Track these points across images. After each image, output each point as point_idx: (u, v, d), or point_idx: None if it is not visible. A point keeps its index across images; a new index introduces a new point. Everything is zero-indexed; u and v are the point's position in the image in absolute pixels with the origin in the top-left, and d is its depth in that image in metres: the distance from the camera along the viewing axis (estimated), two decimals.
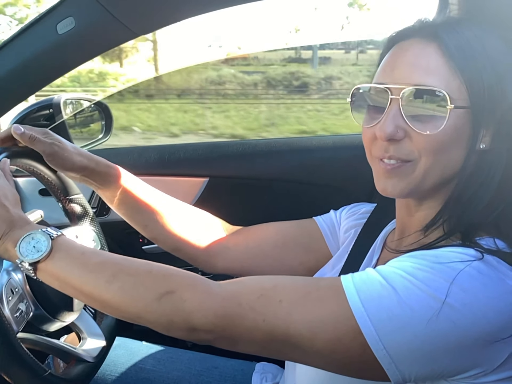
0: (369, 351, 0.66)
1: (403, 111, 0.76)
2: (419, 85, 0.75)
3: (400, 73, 0.77)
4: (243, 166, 1.64)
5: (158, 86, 11.41)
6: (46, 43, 1.10)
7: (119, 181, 1.08)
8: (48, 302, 0.98)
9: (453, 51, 0.75)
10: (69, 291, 0.78)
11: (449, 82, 0.75)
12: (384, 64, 0.81)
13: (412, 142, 0.77)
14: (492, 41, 0.78)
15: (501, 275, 0.68)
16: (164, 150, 1.70)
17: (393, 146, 0.78)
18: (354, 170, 1.57)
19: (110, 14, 1.04)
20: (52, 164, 1.01)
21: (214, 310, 0.69)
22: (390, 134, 0.76)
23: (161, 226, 1.11)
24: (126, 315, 0.74)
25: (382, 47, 0.86)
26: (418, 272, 0.67)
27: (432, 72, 0.75)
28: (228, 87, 12.14)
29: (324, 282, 0.75)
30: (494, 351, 0.67)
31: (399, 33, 0.83)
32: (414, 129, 0.76)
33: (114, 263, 0.77)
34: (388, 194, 0.82)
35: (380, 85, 0.78)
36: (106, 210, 1.66)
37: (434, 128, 0.75)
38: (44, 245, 0.77)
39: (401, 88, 0.75)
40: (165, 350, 1.37)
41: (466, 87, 0.75)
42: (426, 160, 0.77)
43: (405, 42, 0.80)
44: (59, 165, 1.01)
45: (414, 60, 0.77)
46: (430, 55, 0.76)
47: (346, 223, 1.07)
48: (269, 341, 0.69)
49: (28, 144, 0.97)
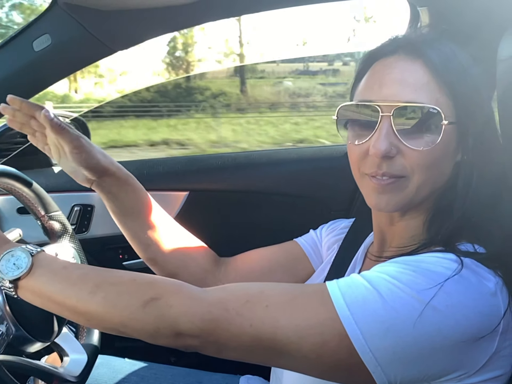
0: (355, 354, 0.66)
1: (395, 128, 0.77)
2: (410, 102, 0.76)
3: (389, 90, 0.78)
4: (223, 179, 1.65)
5: (247, 99, 11.24)
6: (22, 61, 1.10)
7: (135, 191, 1.05)
8: (29, 323, 0.97)
9: (438, 67, 0.77)
10: (52, 307, 0.77)
11: (438, 98, 0.77)
12: (369, 81, 0.82)
13: (405, 158, 0.78)
14: (463, 55, 0.81)
15: (481, 277, 0.70)
16: (143, 165, 1.69)
17: (386, 163, 0.78)
18: (332, 181, 1.59)
19: (87, 31, 1.04)
20: (76, 158, 0.96)
21: (201, 315, 0.69)
22: (385, 151, 0.77)
23: (164, 248, 1.08)
24: (111, 325, 0.73)
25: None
26: (402, 276, 0.69)
27: (421, 89, 0.77)
28: (315, 99, 12.15)
29: (310, 287, 0.75)
30: (476, 352, 0.68)
31: (379, 49, 0.84)
32: (407, 146, 0.77)
33: (97, 274, 0.76)
34: (382, 210, 0.83)
35: (370, 103, 0.79)
36: (85, 227, 1.65)
37: (427, 144, 0.76)
38: (24, 262, 0.76)
39: (392, 105, 0.76)
40: (148, 367, 1.35)
41: (453, 102, 0.78)
42: (419, 176, 0.78)
43: (389, 58, 0.81)
44: (84, 160, 0.97)
45: (402, 77, 0.78)
46: (417, 72, 0.78)
47: (327, 240, 1.08)
48: (256, 346, 0.70)
49: (55, 132, 0.94)
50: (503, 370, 0.72)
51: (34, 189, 1.10)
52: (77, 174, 1.01)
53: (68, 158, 0.98)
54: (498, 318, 0.69)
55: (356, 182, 0.87)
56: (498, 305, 0.69)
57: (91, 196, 1.65)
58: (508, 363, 0.73)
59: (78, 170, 1.00)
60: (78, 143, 0.96)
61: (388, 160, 0.78)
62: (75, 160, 0.97)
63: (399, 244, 0.83)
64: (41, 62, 1.09)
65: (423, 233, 0.82)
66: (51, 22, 1.06)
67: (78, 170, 1.00)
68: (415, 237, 0.82)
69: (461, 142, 0.80)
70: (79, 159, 0.97)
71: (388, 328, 0.66)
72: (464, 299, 0.67)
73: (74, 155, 0.96)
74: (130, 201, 1.05)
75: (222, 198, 1.65)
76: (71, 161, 0.98)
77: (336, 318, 0.67)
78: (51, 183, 1.64)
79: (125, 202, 1.05)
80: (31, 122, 1.00)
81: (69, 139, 0.95)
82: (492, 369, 0.71)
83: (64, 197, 1.63)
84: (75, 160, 0.97)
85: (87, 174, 1.00)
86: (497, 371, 0.71)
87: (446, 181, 0.81)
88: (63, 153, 0.99)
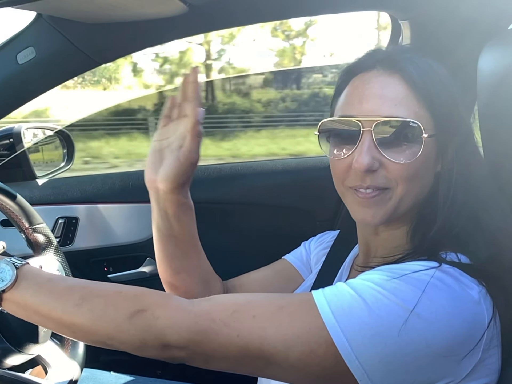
0: (342, 362, 0.67)
1: (376, 142, 0.78)
2: (390, 116, 0.78)
3: (369, 105, 0.79)
4: (208, 191, 1.65)
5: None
6: (6, 73, 1.09)
7: (193, 221, 0.97)
8: (13, 335, 0.96)
9: (417, 81, 0.79)
10: (37, 319, 0.77)
11: (417, 112, 0.78)
12: (348, 96, 0.83)
13: (388, 171, 0.79)
14: (441, 70, 0.82)
15: (464, 286, 0.71)
16: (127, 177, 1.69)
17: (369, 177, 0.80)
18: (317, 192, 1.60)
19: (72, 44, 1.04)
20: (193, 147, 0.88)
21: (187, 326, 0.69)
22: (367, 166, 0.78)
23: (189, 279, 1.02)
24: (97, 338, 0.73)
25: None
26: (386, 283, 0.70)
27: (400, 103, 0.78)
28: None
29: (296, 297, 0.76)
30: (461, 361, 0.69)
31: (356, 65, 0.86)
32: (389, 159, 0.78)
33: (83, 286, 0.76)
34: (369, 223, 0.84)
35: (351, 118, 0.80)
36: (70, 239, 1.64)
37: (409, 157, 0.78)
38: (9, 274, 0.76)
39: (373, 120, 0.78)
40: (134, 380, 1.34)
41: (432, 115, 0.79)
42: (402, 187, 0.80)
43: (367, 73, 0.82)
44: (194, 153, 0.89)
45: (381, 92, 0.79)
46: (396, 87, 0.79)
47: (316, 253, 1.09)
48: (243, 357, 0.70)
49: (192, 135, 0.87)
50: (489, 379, 0.73)
51: (18, 201, 1.09)
52: (173, 172, 0.89)
53: (183, 151, 0.88)
54: (482, 326, 0.70)
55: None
56: (482, 313, 0.70)
57: (75, 209, 1.65)
58: (493, 371, 0.73)
59: (177, 168, 0.89)
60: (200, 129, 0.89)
61: (371, 173, 0.79)
62: (191, 150, 0.88)
63: (383, 254, 0.84)
64: (25, 75, 1.09)
65: (407, 243, 0.84)
66: (36, 35, 1.06)
67: (177, 168, 0.89)
68: (400, 247, 0.83)
69: (440, 153, 0.81)
70: (194, 149, 0.88)
71: (373, 335, 0.66)
72: (447, 306, 0.68)
73: (193, 143, 0.88)
74: (187, 227, 0.96)
75: (207, 209, 1.65)
76: (182, 155, 0.89)
77: (322, 326, 0.68)
78: (35, 195, 1.63)
79: (183, 226, 0.95)
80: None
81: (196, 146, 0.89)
82: (477, 378, 0.71)
83: (48, 210, 1.62)
84: (190, 151, 0.88)
85: (180, 177, 0.90)
86: (482, 380, 0.72)
87: (427, 191, 0.83)
88: (175, 148, 0.90)
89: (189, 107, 0.89)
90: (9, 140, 1.64)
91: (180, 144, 0.89)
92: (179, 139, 0.90)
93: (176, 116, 0.92)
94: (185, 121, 0.89)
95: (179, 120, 0.91)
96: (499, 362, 0.74)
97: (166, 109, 0.94)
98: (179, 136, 0.90)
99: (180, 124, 0.91)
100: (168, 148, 0.91)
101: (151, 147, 0.94)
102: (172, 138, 0.91)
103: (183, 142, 0.89)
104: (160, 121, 0.95)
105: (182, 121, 0.90)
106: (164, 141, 0.92)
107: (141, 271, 1.66)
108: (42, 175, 1.76)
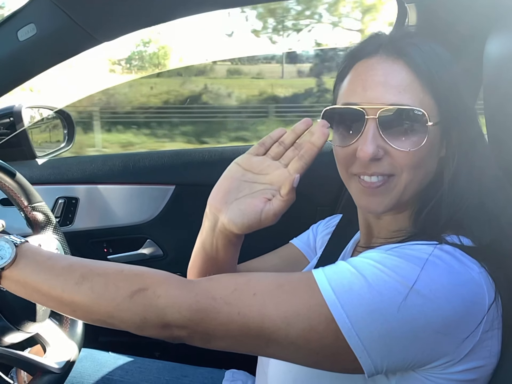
0: (342, 338, 0.67)
1: (381, 130, 0.78)
2: (395, 104, 0.77)
3: (373, 93, 0.78)
4: (209, 174, 1.62)
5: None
6: (6, 50, 1.08)
7: (238, 247, 0.89)
8: (11, 313, 0.96)
9: (421, 67, 0.78)
10: (37, 297, 0.77)
11: (422, 99, 0.78)
12: (352, 83, 0.82)
13: (393, 158, 0.79)
14: (444, 54, 0.82)
15: (464, 265, 0.71)
16: (128, 158, 1.68)
17: (374, 164, 0.79)
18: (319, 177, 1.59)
19: (73, 21, 1.03)
20: (271, 221, 0.78)
21: (188, 305, 0.69)
22: (372, 154, 0.77)
23: None
24: (97, 316, 0.73)
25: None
26: (386, 260, 0.70)
27: (405, 90, 0.77)
28: None
29: (297, 275, 0.76)
30: (460, 340, 0.69)
31: (359, 49, 0.84)
32: (394, 147, 0.78)
33: (83, 265, 0.76)
34: (373, 212, 0.84)
35: (354, 106, 0.79)
36: (70, 220, 1.64)
37: (414, 145, 0.78)
38: (8, 252, 0.76)
39: (377, 108, 0.77)
40: (133, 361, 1.35)
41: (436, 102, 0.79)
42: (407, 175, 0.80)
43: (370, 59, 0.81)
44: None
45: (385, 79, 0.78)
46: (400, 73, 0.78)
47: (322, 236, 1.10)
48: (244, 335, 0.70)
49: (286, 200, 0.78)
50: (487, 360, 0.73)
51: (18, 179, 1.09)
52: (246, 224, 0.79)
53: (267, 211, 0.78)
54: (482, 306, 0.70)
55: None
56: (482, 294, 0.70)
57: (75, 189, 1.64)
58: (493, 354, 0.74)
59: (253, 222, 0.78)
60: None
61: (376, 161, 0.79)
62: (277, 214, 0.78)
63: (386, 236, 0.84)
64: (25, 52, 1.07)
65: (409, 226, 0.84)
66: (36, 11, 1.04)
67: (252, 221, 0.78)
68: (402, 229, 0.83)
69: (444, 138, 0.81)
70: (279, 214, 0.79)
71: (373, 311, 0.66)
72: (447, 284, 0.68)
73: (282, 208, 0.78)
74: (231, 255, 0.88)
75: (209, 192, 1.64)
76: (265, 214, 0.78)
77: (322, 303, 0.68)
78: (35, 175, 1.63)
79: (228, 254, 0.87)
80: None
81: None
82: (476, 359, 0.72)
83: (48, 190, 1.62)
84: (275, 214, 0.78)
85: (250, 228, 0.80)
86: (480, 361, 0.72)
87: (432, 176, 0.83)
88: (258, 193, 0.79)
89: (296, 165, 0.78)
90: (9, 118, 1.63)
91: (264, 193, 0.79)
92: (265, 186, 0.80)
93: (274, 155, 0.81)
94: (282, 173, 0.79)
95: (275, 163, 0.80)
96: (499, 345, 0.75)
97: (267, 137, 0.82)
98: (267, 182, 0.80)
99: (275, 168, 0.80)
100: (249, 186, 0.80)
101: (230, 169, 0.82)
102: (260, 178, 0.80)
103: (268, 195, 0.79)
104: (255, 146, 0.82)
105: (279, 168, 0.80)
106: (249, 174, 0.81)
107: (141, 253, 1.67)
108: (42, 155, 1.76)
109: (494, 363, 0.75)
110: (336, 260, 0.96)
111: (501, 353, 0.75)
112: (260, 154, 0.82)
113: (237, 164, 0.82)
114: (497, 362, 0.75)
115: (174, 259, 1.68)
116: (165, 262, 1.68)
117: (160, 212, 1.64)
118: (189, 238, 1.73)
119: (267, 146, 0.81)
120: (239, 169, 0.81)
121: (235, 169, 0.82)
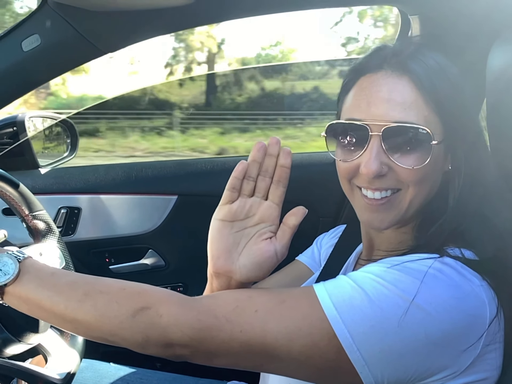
0: (343, 353, 0.67)
1: (385, 147, 0.77)
2: (400, 122, 0.76)
3: (378, 109, 0.78)
4: (212, 184, 1.64)
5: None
6: (11, 61, 1.08)
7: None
8: (13, 324, 0.96)
9: (425, 84, 0.77)
10: (39, 314, 0.76)
11: (427, 117, 0.77)
12: (356, 99, 0.82)
13: (397, 174, 0.79)
14: (451, 68, 0.81)
15: (465, 278, 0.71)
16: (131, 168, 1.68)
17: (378, 180, 0.79)
18: (321, 187, 1.59)
19: (77, 32, 1.03)
20: (284, 254, 0.78)
21: (191, 324, 0.69)
22: (376, 171, 0.77)
23: None
24: (99, 334, 0.73)
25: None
26: (386, 274, 0.70)
27: (409, 108, 0.77)
28: None
29: (298, 290, 0.76)
30: (460, 353, 0.69)
31: (363, 64, 0.84)
32: (398, 165, 0.78)
33: (86, 282, 0.76)
34: (375, 228, 0.84)
35: (358, 122, 0.79)
36: (72, 229, 1.64)
37: (418, 162, 0.77)
38: (11, 268, 0.75)
39: (381, 125, 0.77)
40: (134, 372, 1.34)
41: (441, 120, 0.78)
42: (412, 190, 0.79)
43: (375, 74, 0.81)
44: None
45: (389, 96, 0.78)
46: (404, 89, 0.78)
47: (326, 249, 1.10)
48: (246, 352, 0.70)
49: (291, 228, 0.77)
50: (488, 374, 0.73)
51: (19, 189, 1.09)
52: (263, 269, 0.77)
53: (281, 249, 0.77)
54: (483, 320, 0.70)
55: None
56: (483, 307, 0.70)
57: (78, 199, 1.64)
58: (494, 367, 0.73)
59: (269, 263, 0.77)
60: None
61: (381, 177, 0.79)
62: (287, 245, 0.78)
63: (387, 249, 0.84)
64: (30, 63, 1.08)
65: (411, 239, 0.84)
66: (41, 22, 1.05)
67: (269, 263, 0.77)
68: (404, 242, 0.83)
69: (449, 153, 0.81)
70: (288, 244, 0.78)
71: (374, 326, 0.66)
72: (447, 297, 0.68)
73: (289, 237, 0.78)
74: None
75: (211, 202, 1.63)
76: (281, 253, 0.77)
77: (324, 318, 0.68)
78: (38, 184, 1.63)
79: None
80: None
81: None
82: (476, 372, 0.71)
83: (51, 199, 1.62)
84: (286, 246, 0.78)
85: (269, 271, 0.78)
86: (481, 374, 0.72)
87: (436, 191, 0.83)
88: (257, 236, 0.77)
89: (277, 193, 0.77)
90: (12, 128, 1.64)
91: (262, 234, 0.77)
92: (258, 227, 0.77)
93: (248, 193, 0.78)
94: (267, 207, 0.77)
95: (255, 200, 0.78)
96: (501, 358, 0.74)
97: (233, 179, 0.77)
98: (258, 222, 0.77)
99: (258, 206, 0.78)
100: (244, 235, 0.77)
101: (215, 228, 0.78)
102: (250, 222, 0.78)
103: (267, 234, 0.77)
104: (227, 194, 0.78)
105: (261, 203, 0.78)
106: (236, 223, 0.77)
107: (143, 263, 1.66)
108: (45, 165, 1.76)
109: (496, 377, 0.74)
110: (338, 273, 0.96)
111: (503, 366, 0.74)
112: (234, 199, 0.77)
113: (219, 220, 0.78)
114: (499, 375, 0.74)
115: (176, 269, 1.67)
116: (167, 272, 1.68)
117: (162, 222, 1.64)
118: (191, 249, 1.73)
119: (237, 187, 0.77)
120: (225, 224, 0.77)
121: (220, 226, 0.77)
